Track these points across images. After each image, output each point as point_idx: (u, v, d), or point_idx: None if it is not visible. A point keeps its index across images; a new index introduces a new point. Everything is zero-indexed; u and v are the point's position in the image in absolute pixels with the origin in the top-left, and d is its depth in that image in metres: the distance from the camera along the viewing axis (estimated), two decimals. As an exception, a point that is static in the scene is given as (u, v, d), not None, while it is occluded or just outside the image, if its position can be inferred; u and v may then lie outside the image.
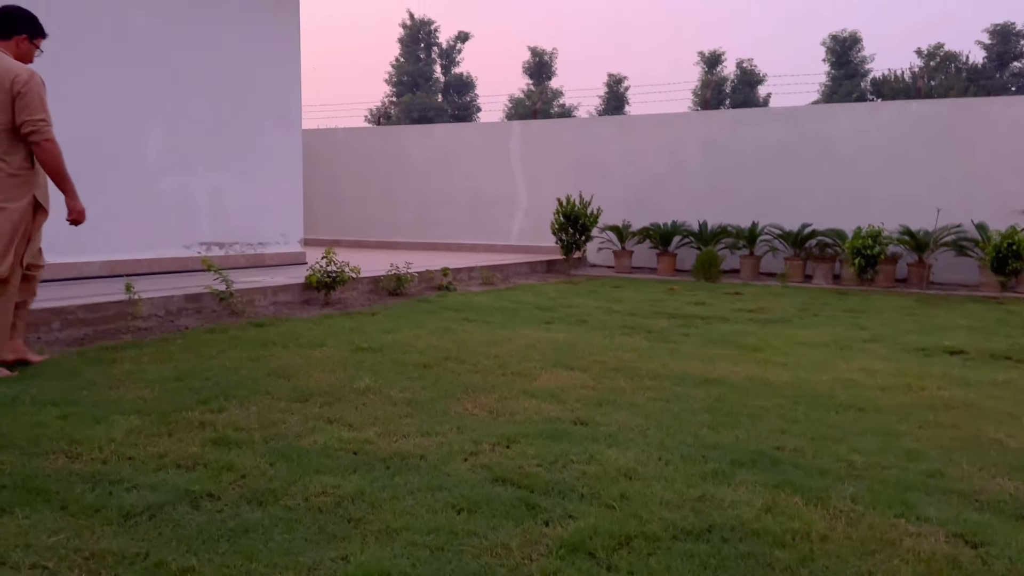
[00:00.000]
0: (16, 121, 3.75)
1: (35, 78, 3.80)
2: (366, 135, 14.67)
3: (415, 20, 46.78)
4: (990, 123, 9.89)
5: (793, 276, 10.09)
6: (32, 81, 3.77)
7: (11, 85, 3.73)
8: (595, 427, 3.22)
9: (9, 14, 3.93)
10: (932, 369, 4.58)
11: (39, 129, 3.78)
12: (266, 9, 8.67)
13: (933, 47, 39.34)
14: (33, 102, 3.75)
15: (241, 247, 8.45)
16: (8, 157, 3.79)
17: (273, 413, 3.28)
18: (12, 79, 3.73)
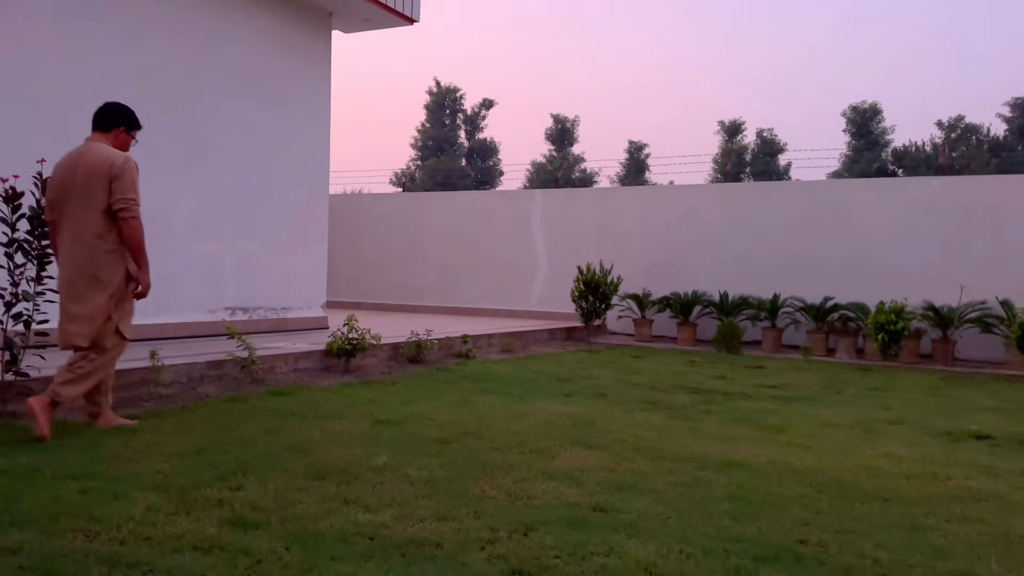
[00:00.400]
0: (112, 201, 4.17)
1: (130, 163, 4.26)
2: (391, 200, 14.92)
3: (441, 88, 48.04)
4: (1014, 200, 9.88)
5: (816, 349, 9.99)
6: (127, 165, 4.22)
7: (108, 169, 4.17)
8: (615, 514, 3.18)
9: (110, 110, 4.44)
10: (958, 456, 4.48)
11: (128, 207, 4.19)
12: (298, 84, 8.96)
13: (954, 119, 39.64)
14: (126, 184, 4.18)
15: (265, 312, 8.56)
16: (106, 235, 4.20)
17: (290, 491, 3.27)
18: (110, 164, 4.19)
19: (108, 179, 4.15)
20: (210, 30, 7.95)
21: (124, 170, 4.18)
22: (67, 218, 4.20)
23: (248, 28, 8.34)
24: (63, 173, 4.25)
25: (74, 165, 4.21)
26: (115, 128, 4.41)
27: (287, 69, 8.82)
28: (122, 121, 4.43)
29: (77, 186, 4.17)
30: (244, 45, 8.30)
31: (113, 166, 4.17)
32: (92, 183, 4.15)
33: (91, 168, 4.17)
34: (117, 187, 4.15)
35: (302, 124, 9.02)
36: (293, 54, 8.87)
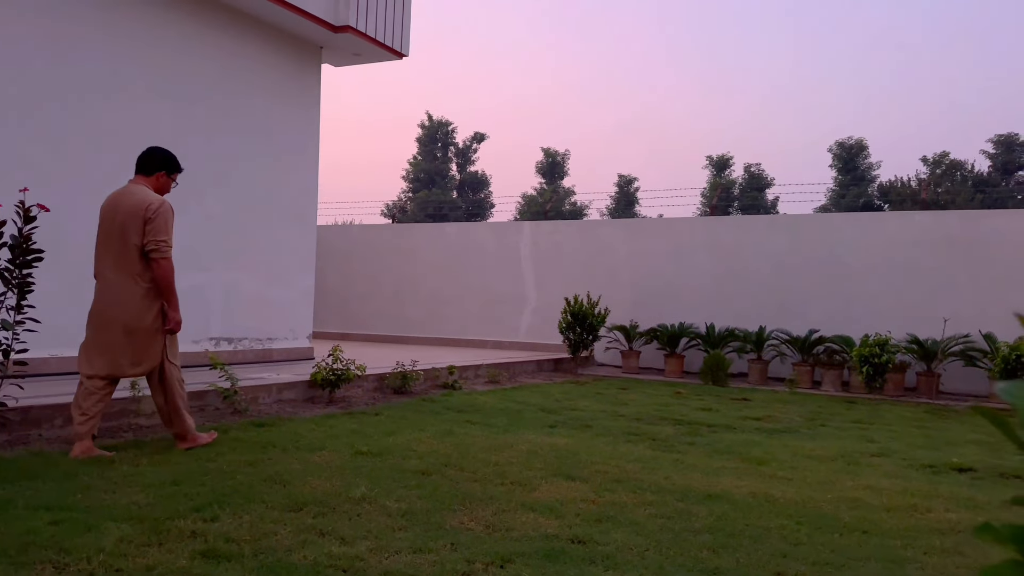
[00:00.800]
0: (146, 241, 4.39)
1: (165, 206, 4.47)
2: (380, 231, 14.97)
3: (433, 121, 48.45)
4: (995, 235, 10.00)
5: (801, 382, 10.02)
6: (162, 208, 4.44)
7: (144, 212, 4.39)
8: (593, 547, 3.16)
9: (153, 154, 4.68)
10: (940, 488, 4.49)
11: (159, 248, 4.41)
12: (288, 117, 9.04)
13: (939, 155, 40.20)
14: (159, 226, 4.40)
15: (250, 342, 8.52)
16: (143, 274, 4.44)
17: (266, 523, 3.24)
18: (146, 207, 4.40)
19: (143, 221, 4.37)
20: (199, 64, 8.03)
21: (159, 213, 4.40)
22: (105, 256, 4.46)
23: (238, 62, 8.43)
24: (105, 212, 4.51)
25: (116, 205, 4.47)
26: (157, 172, 4.63)
27: (277, 102, 8.90)
28: (163, 165, 4.65)
29: (116, 226, 4.42)
30: (234, 78, 8.38)
31: (149, 209, 4.39)
32: (129, 224, 4.39)
33: (129, 210, 4.40)
34: (151, 229, 4.38)
35: (291, 156, 9.08)
36: (283, 87, 8.95)
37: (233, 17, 8.35)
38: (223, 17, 8.25)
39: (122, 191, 4.53)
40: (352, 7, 8.81)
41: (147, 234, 4.37)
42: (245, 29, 8.48)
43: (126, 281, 4.40)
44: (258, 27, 8.61)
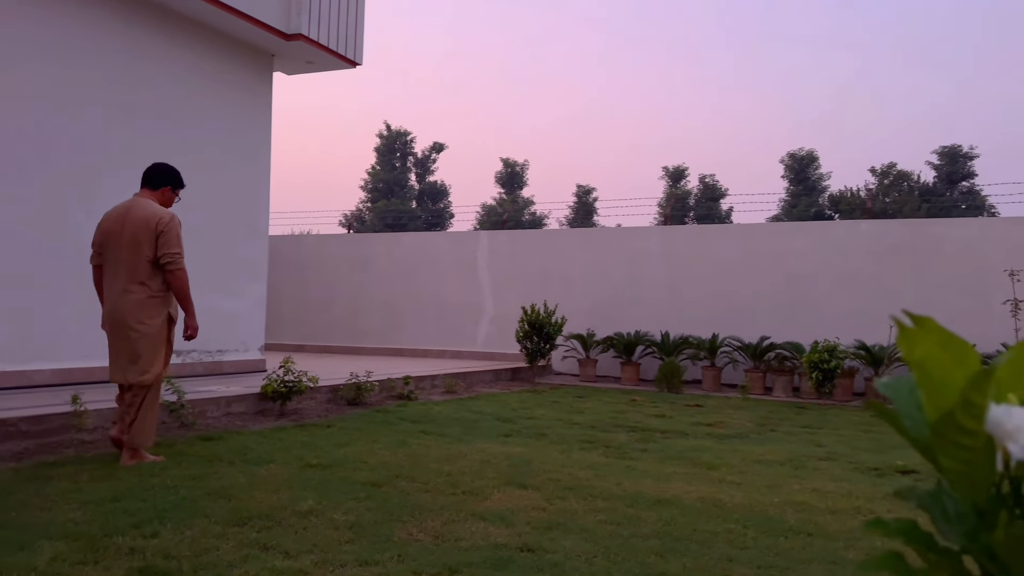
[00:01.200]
0: (158, 254, 4.57)
1: (174, 220, 4.67)
2: (335, 242, 14.83)
3: (392, 131, 48.26)
4: (937, 243, 10.30)
5: (754, 388, 10.16)
6: (172, 222, 4.63)
7: (156, 225, 4.58)
8: (542, 555, 3.16)
9: (159, 171, 4.88)
10: (883, 489, 4.58)
11: (173, 260, 4.61)
12: (239, 125, 8.92)
13: (886, 166, 41.29)
14: (171, 239, 4.60)
15: (199, 354, 8.36)
16: (150, 283, 4.61)
17: (208, 538, 3.17)
18: (157, 221, 4.59)
19: (155, 234, 4.56)
20: (146, 70, 7.89)
21: (170, 227, 4.61)
22: (113, 265, 4.63)
23: (186, 69, 8.30)
24: (110, 224, 4.66)
25: (122, 218, 4.63)
26: (162, 187, 4.85)
27: (227, 110, 8.77)
28: (169, 181, 4.87)
29: (125, 238, 4.58)
30: (181, 85, 8.25)
31: (160, 222, 4.59)
32: (139, 237, 4.55)
33: (139, 223, 4.56)
34: (163, 242, 4.57)
35: (242, 164, 8.96)
36: (233, 95, 8.84)
37: (182, 24, 8.22)
38: (172, 24, 8.12)
39: (129, 203, 4.70)
40: (304, 15, 8.74)
41: (160, 247, 4.57)
42: (194, 36, 8.35)
43: (135, 289, 4.58)
44: (208, 34, 8.50)
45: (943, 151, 40.34)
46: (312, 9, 8.84)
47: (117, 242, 4.60)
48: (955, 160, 39.92)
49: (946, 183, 39.97)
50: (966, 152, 39.91)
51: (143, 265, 4.57)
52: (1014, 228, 10.08)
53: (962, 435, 0.58)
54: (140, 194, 4.79)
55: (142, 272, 4.57)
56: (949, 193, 39.59)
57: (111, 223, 4.65)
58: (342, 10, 9.28)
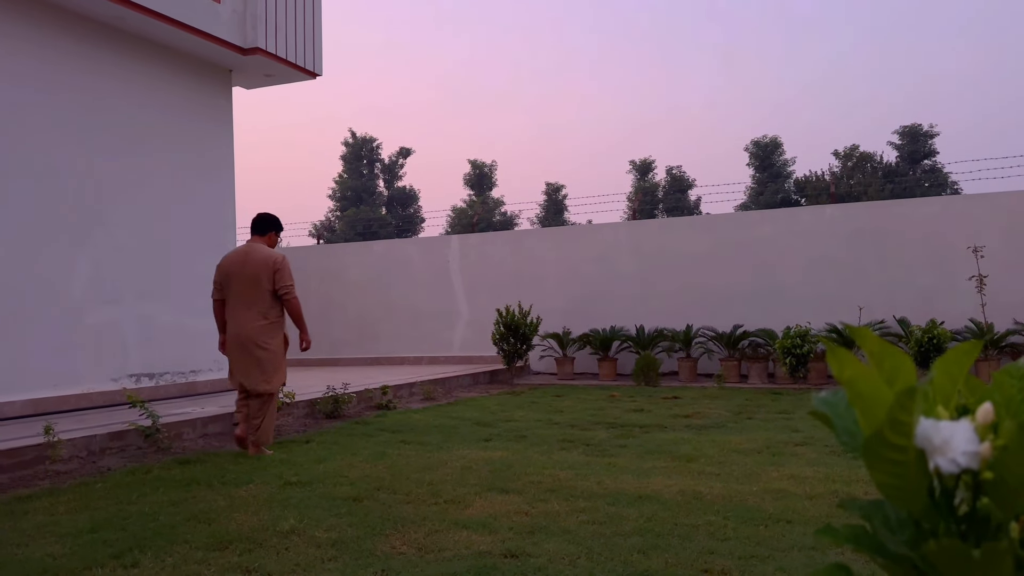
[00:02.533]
0: (275, 287, 5.58)
1: (286, 259, 5.71)
2: (305, 254, 14.73)
3: (357, 138, 48.01)
4: (902, 223, 10.48)
5: (729, 377, 10.27)
6: (284, 261, 5.69)
7: (272, 264, 5.60)
8: (525, 560, 3.17)
9: (267, 219, 5.92)
10: (860, 472, 4.66)
11: (288, 291, 5.64)
12: (199, 142, 8.84)
13: (849, 148, 41.90)
14: (285, 275, 5.63)
15: (172, 376, 8.27)
16: (270, 312, 5.62)
17: (189, 565, 3.14)
18: (273, 261, 5.62)
19: (272, 272, 5.58)
20: (102, 89, 7.78)
21: (283, 264, 5.65)
22: (236, 298, 5.61)
23: (145, 87, 8.20)
24: (231, 265, 5.65)
25: (243, 260, 5.64)
26: (268, 232, 5.89)
27: (187, 126, 8.68)
28: (273, 227, 5.91)
29: (246, 276, 5.57)
30: (139, 103, 8.15)
31: (276, 261, 5.62)
32: (259, 274, 5.57)
33: (258, 263, 5.59)
34: (279, 277, 5.60)
35: (205, 181, 8.87)
36: (192, 111, 8.75)
37: (136, 43, 8.12)
38: (125, 43, 8.02)
39: (246, 248, 5.73)
40: (260, 29, 8.68)
41: (276, 281, 5.59)
42: (149, 55, 8.26)
43: (256, 316, 5.57)
44: (163, 52, 8.40)
45: (904, 131, 41.02)
46: (268, 22, 8.78)
47: (239, 280, 5.60)
48: (916, 139, 40.62)
49: (908, 163, 40.65)
50: (927, 131, 40.62)
51: (263, 296, 5.59)
52: (974, 205, 10.29)
53: (893, 451, 0.60)
54: (252, 240, 5.84)
55: (263, 303, 5.59)
56: (912, 172, 40.27)
57: (232, 265, 5.65)
58: (299, 22, 9.22)
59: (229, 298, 5.64)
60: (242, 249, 5.76)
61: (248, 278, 5.58)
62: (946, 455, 0.60)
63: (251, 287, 5.57)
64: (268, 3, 8.79)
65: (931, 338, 8.99)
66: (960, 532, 0.64)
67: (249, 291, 5.58)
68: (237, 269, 5.62)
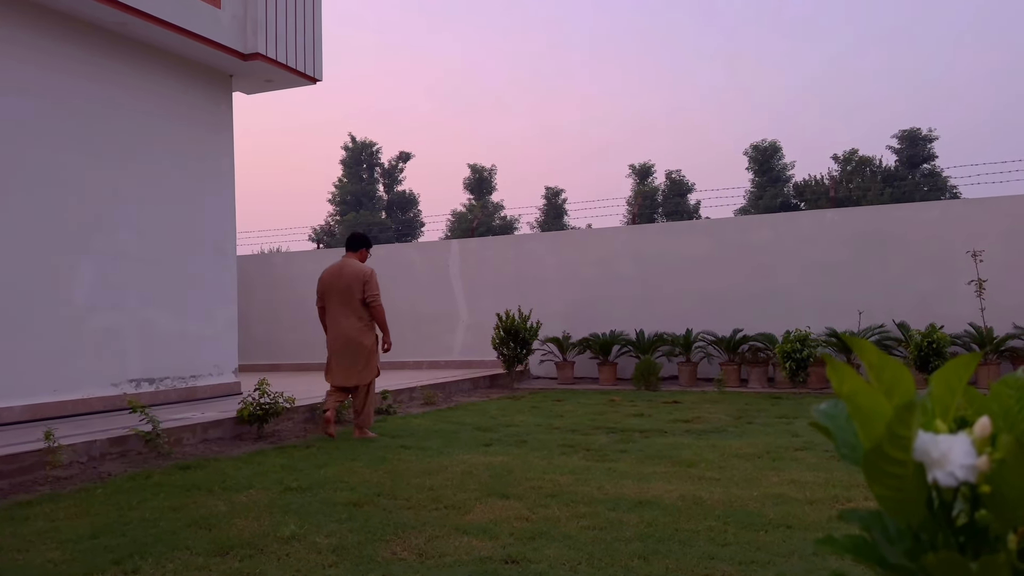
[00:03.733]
0: (364, 296, 6.64)
1: (374, 272, 6.78)
2: (304, 259, 14.74)
3: (357, 142, 48.06)
4: (902, 228, 10.49)
5: (729, 381, 10.27)
6: (373, 274, 6.74)
7: (363, 277, 6.66)
8: (526, 565, 3.18)
9: (360, 236, 7.01)
10: (860, 478, 4.64)
11: (375, 299, 6.68)
12: (200, 147, 8.85)
13: (848, 152, 41.94)
14: (372, 286, 6.68)
15: (172, 381, 8.27)
16: (362, 316, 6.70)
17: (190, 571, 3.15)
18: (363, 274, 6.68)
19: (363, 284, 6.64)
20: (106, 95, 7.80)
21: (372, 277, 6.70)
22: (333, 308, 6.70)
23: (146, 93, 8.21)
24: (330, 278, 6.75)
25: (339, 272, 6.73)
26: (360, 249, 6.93)
27: (188, 132, 8.70)
28: (364, 244, 6.95)
29: (341, 287, 6.66)
30: (142, 109, 8.16)
31: (365, 275, 6.68)
32: (353, 286, 6.64)
33: (352, 276, 6.67)
34: (368, 288, 6.65)
35: (205, 187, 8.88)
36: (193, 117, 8.76)
37: (136, 48, 8.14)
38: (125, 48, 8.04)
39: (341, 263, 6.77)
40: (261, 35, 8.70)
41: (366, 291, 6.64)
42: (149, 60, 8.27)
43: (353, 320, 6.66)
44: (163, 57, 8.42)
45: (903, 135, 41.05)
46: (269, 28, 8.80)
47: (336, 290, 6.67)
48: (915, 143, 40.66)
49: (907, 166, 40.69)
50: (925, 135, 40.65)
51: (357, 304, 6.65)
52: (974, 209, 10.30)
53: (891, 464, 0.61)
54: (346, 256, 6.87)
55: (357, 309, 6.66)
56: (911, 176, 40.30)
57: (330, 277, 6.75)
58: (299, 27, 9.24)
59: (329, 306, 6.74)
60: (338, 264, 6.81)
61: (343, 288, 6.66)
62: (944, 468, 0.61)
63: (346, 296, 6.65)
64: (269, 9, 8.81)
65: (931, 342, 8.99)
66: (958, 544, 0.64)
67: (344, 299, 6.66)
68: (334, 280, 6.71)
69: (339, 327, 6.67)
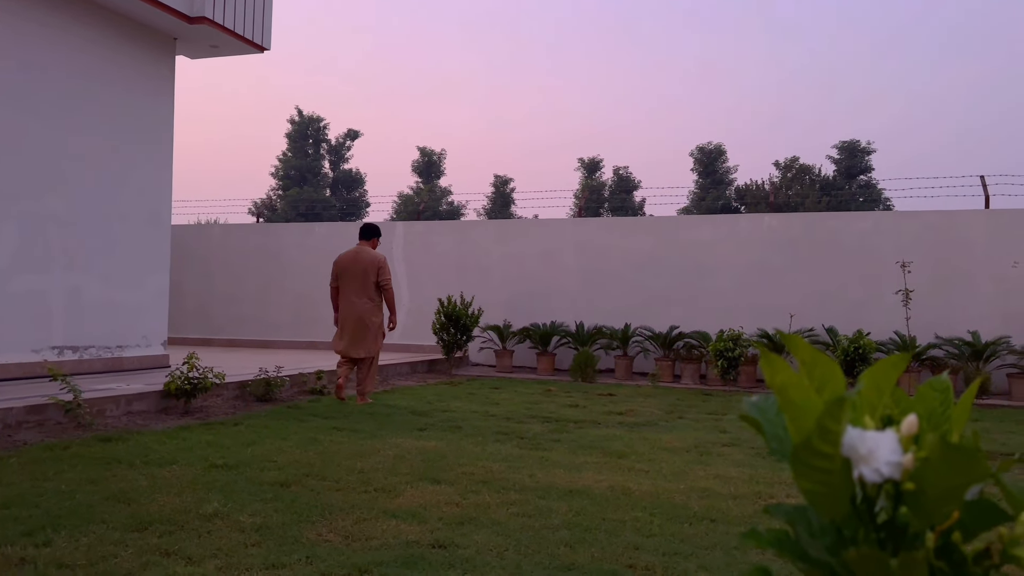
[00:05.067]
0: (378, 279, 7.47)
1: (386, 259, 7.62)
2: (244, 232, 14.39)
3: (304, 116, 47.08)
4: (836, 236, 10.81)
5: (663, 376, 10.44)
6: (385, 261, 7.59)
7: (376, 263, 7.49)
8: (453, 550, 3.17)
9: (372, 227, 7.82)
10: (783, 475, 4.80)
11: (387, 283, 7.53)
12: (139, 110, 8.53)
13: (789, 160, 42.97)
14: (385, 271, 7.53)
15: (98, 350, 7.98)
16: (375, 297, 7.52)
17: (105, 545, 3.04)
18: (377, 260, 7.52)
19: (377, 269, 7.47)
20: (40, 53, 7.44)
21: (384, 263, 7.56)
22: (348, 288, 7.47)
23: (84, 52, 7.87)
24: (345, 262, 7.53)
25: (354, 258, 7.53)
26: (372, 238, 7.76)
27: (126, 94, 8.37)
28: (376, 234, 7.79)
29: (356, 271, 7.46)
30: (79, 69, 7.82)
31: (379, 261, 7.52)
32: (367, 270, 7.46)
33: (366, 261, 7.49)
34: (381, 273, 7.48)
35: (143, 151, 8.57)
36: (134, 79, 8.44)
37: (77, 4, 7.78)
38: (65, 3, 7.68)
39: (356, 249, 7.60)
40: (209, -2, 8.41)
41: (380, 275, 7.47)
42: (91, 17, 7.92)
43: (365, 300, 7.47)
44: (105, 16, 8.07)
45: (842, 145, 42.26)
46: (217, -9, 8.51)
47: (351, 273, 7.47)
48: (854, 154, 41.91)
49: (845, 177, 41.92)
50: (864, 147, 41.94)
51: (370, 286, 7.48)
52: (904, 221, 10.67)
53: (819, 459, 0.62)
54: (360, 244, 7.69)
55: (370, 290, 7.48)
56: (848, 187, 41.55)
57: (346, 261, 7.53)
58: (249, -7, 8.97)
59: (343, 286, 7.50)
60: (354, 250, 7.63)
61: (359, 272, 7.47)
62: (871, 465, 0.62)
63: (360, 278, 7.46)
64: (218, -29, 8.53)
65: (857, 348, 9.30)
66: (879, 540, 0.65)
67: (359, 281, 7.47)
68: (351, 265, 7.51)
69: (352, 306, 7.44)
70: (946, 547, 0.67)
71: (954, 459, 0.61)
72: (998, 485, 0.67)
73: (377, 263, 7.47)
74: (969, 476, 0.62)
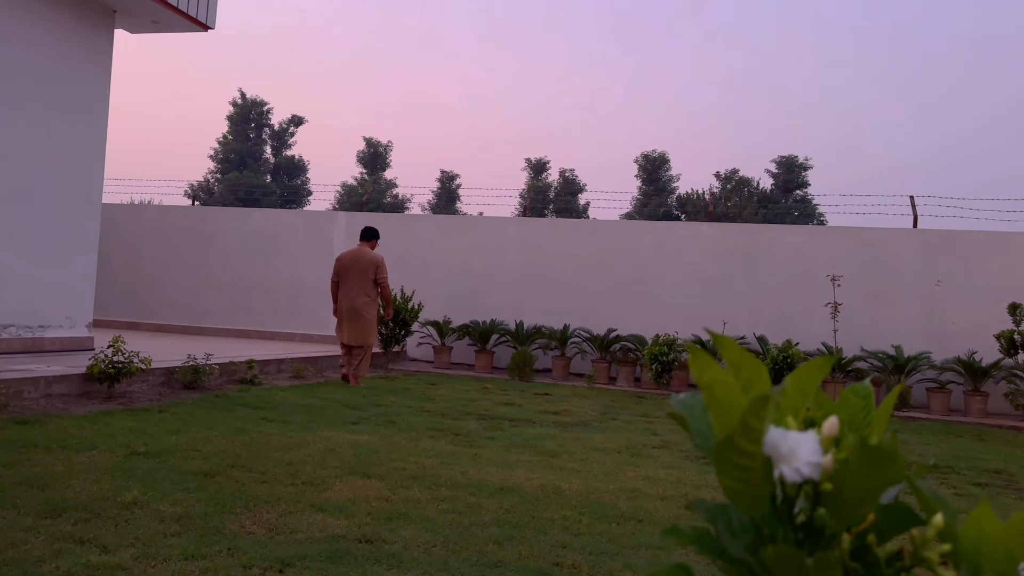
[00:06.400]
0: (376, 277, 8.33)
1: (383, 259, 8.49)
2: (178, 214, 13.98)
3: (246, 99, 46.01)
4: (770, 248, 11.09)
5: (600, 378, 10.55)
6: (383, 261, 8.45)
7: (375, 262, 8.34)
8: (380, 545, 3.13)
9: (372, 230, 8.69)
10: (709, 478, 4.89)
11: (384, 281, 8.42)
12: (72, 83, 8.19)
13: (729, 171, 43.96)
14: (383, 270, 8.39)
15: (17, 329, 7.64)
16: (371, 292, 8.35)
17: (15, 531, 2.91)
18: (376, 260, 8.38)
19: (375, 268, 8.32)
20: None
21: (382, 263, 8.41)
22: (348, 284, 8.28)
23: (15, 19, 7.51)
24: (347, 260, 8.38)
25: (355, 256, 8.39)
26: (371, 240, 8.60)
27: (60, 67, 8.03)
28: (375, 236, 8.65)
29: (356, 269, 8.29)
30: (6, 36, 7.46)
31: (378, 261, 8.39)
32: (367, 269, 8.30)
33: (366, 261, 8.34)
34: (379, 272, 8.34)
35: (74, 125, 8.24)
36: (68, 50, 8.10)
37: (8, -35, 7.43)
38: (-5, -37, 7.33)
39: (357, 250, 8.48)
40: (152, -30, 8.13)
41: (378, 274, 8.34)
42: (22, -20, 7.58)
43: (363, 295, 8.29)
44: (39, -21, 7.73)
45: (781, 160, 43.42)
46: (161, -36, 8.24)
47: (352, 270, 8.29)
48: (791, 169, 43.10)
49: (782, 191, 43.10)
50: (801, 163, 43.18)
51: (368, 283, 8.32)
52: (836, 236, 11.03)
53: (741, 456, 0.62)
54: (361, 244, 8.56)
55: (367, 287, 8.32)
56: (784, 200, 42.72)
57: (348, 260, 8.37)
58: (195, -31, 8.71)
59: (343, 282, 8.32)
60: (355, 250, 8.50)
61: (359, 270, 8.31)
62: (791, 464, 0.63)
63: (360, 275, 8.29)
64: (163, -56, 8.25)
65: (786, 357, 9.57)
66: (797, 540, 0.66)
67: (358, 278, 8.29)
68: (352, 263, 8.34)
69: (351, 300, 8.28)
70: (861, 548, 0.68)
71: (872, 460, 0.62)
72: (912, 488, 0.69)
73: (376, 262, 8.34)
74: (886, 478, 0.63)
